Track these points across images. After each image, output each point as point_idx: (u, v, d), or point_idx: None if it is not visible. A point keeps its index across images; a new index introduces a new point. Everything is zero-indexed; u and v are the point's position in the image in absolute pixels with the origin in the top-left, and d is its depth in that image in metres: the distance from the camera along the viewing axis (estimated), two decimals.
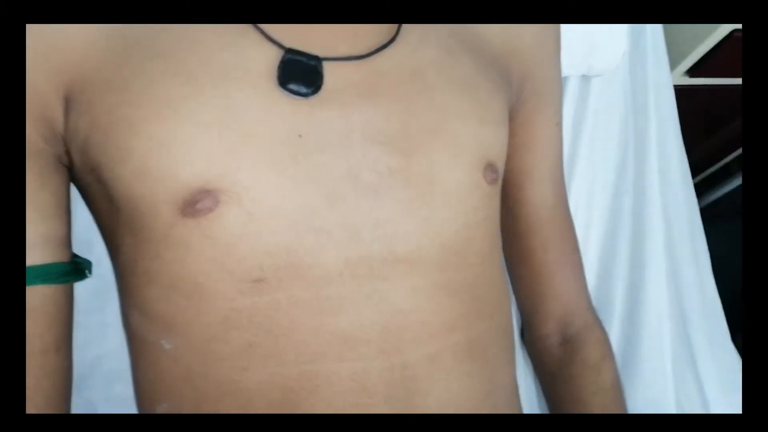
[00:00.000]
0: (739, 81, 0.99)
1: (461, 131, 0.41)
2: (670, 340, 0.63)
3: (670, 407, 0.61)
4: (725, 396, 0.62)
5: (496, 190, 0.45)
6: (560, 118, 0.54)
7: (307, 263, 0.36)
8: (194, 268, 0.36)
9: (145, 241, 0.37)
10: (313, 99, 0.38)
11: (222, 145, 0.35)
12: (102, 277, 0.46)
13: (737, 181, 1.33)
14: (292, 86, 0.37)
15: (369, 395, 0.37)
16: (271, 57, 0.38)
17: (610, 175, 0.67)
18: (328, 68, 0.39)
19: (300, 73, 0.38)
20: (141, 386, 0.41)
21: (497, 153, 0.44)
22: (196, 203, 0.35)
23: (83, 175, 0.39)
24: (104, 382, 0.48)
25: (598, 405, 0.53)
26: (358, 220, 0.37)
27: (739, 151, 1.31)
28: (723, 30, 0.85)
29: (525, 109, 0.50)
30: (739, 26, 0.84)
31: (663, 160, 0.67)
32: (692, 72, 0.92)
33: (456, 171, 0.41)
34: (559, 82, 0.53)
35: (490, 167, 0.43)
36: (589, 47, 0.59)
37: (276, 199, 0.36)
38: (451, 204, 0.40)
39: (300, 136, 0.37)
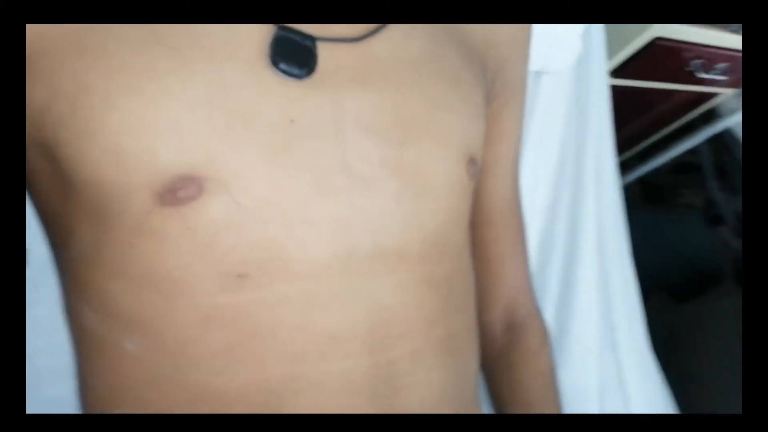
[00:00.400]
0: (653, 84, 1.07)
1: (449, 124, 0.41)
2: (597, 326, 0.67)
3: (592, 389, 0.66)
4: (640, 378, 0.69)
5: (473, 184, 0.45)
6: (523, 114, 0.55)
7: (295, 257, 0.34)
8: (171, 262, 0.32)
9: (111, 230, 0.32)
10: (306, 81, 0.35)
11: (210, 127, 0.32)
12: (30, 266, 0.40)
13: (633, 175, 1.46)
14: (284, 66, 0.34)
15: (354, 395, 0.36)
16: (263, 33, 0.34)
17: (552, 170, 0.70)
18: (321, 49, 0.36)
19: (293, 53, 0.35)
20: (93, 391, 0.36)
21: (478, 147, 0.44)
22: (178, 190, 0.31)
23: (28, 150, 0.33)
24: (32, 383, 0.42)
25: (536, 388, 0.56)
26: (348, 212, 0.36)
27: (637, 148, 1.42)
28: (646, 36, 0.91)
29: (496, 103, 0.51)
30: (661, 34, 0.91)
31: (599, 158, 0.71)
32: (615, 73, 0.98)
33: (443, 164, 0.40)
34: (526, 80, 0.54)
35: (471, 161, 0.43)
36: (549, 45, 0.60)
37: (266, 189, 0.33)
38: (437, 197, 0.40)
39: (292, 121, 0.34)
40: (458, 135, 0.41)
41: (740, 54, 1.08)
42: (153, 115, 0.31)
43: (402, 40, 0.40)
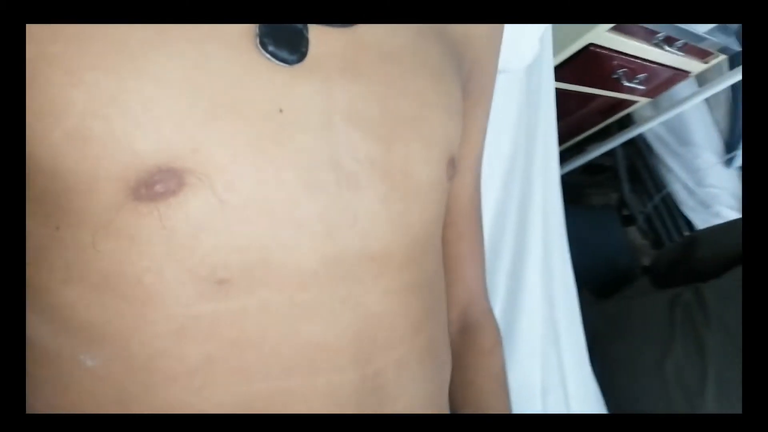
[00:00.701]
0: (583, 89, 1.12)
1: (434, 122, 0.39)
2: (541, 324, 0.69)
3: (536, 387, 0.67)
4: (579, 376, 0.71)
5: (450, 186, 0.44)
6: (489, 112, 0.54)
7: (280, 262, 0.31)
8: (141, 265, 0.28)
9: (69, 227, 0.28)
10: (296, 68, 0.32)
11: (193, 113, 0.28)
12: None
13: None
14: (273, 49, 0.31)
15: (341, 408, 0.33)
16: None
17: (503, 168, 0.70)
18: (312, 33, 0.33)
19: (283, 36, 0.31)
20: (39, 413, 0.31)
21: (456, 147, 0.43)
22: (156, 184, 0.27)
23: None
24: None
25: (490, 388, 0.56)
26: (337, 213, 0.33)
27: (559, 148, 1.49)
28: (582, 41, 0.94)
29: (467, 101, 0.49)
30: (595, 41, 0.95)
31: (546, 157, 0.73)
32: None
33: (427, 165, 0.38)
34: (495, 78, 0.53)
35: (451, 162, 0.41)
36: (510, 44, 0.60)
37: (253, 185, 0.30)
38: (421, 199, 0.38)
39: (281, 110, 0.31)
40: (442, 134, 0.40)
41: (656, 66, 1.15)
42: (127, 95, 0.27)
43: (389, 30, 0.38)
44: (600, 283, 1.11)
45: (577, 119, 1.36)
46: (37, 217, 0.28)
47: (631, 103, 1.27)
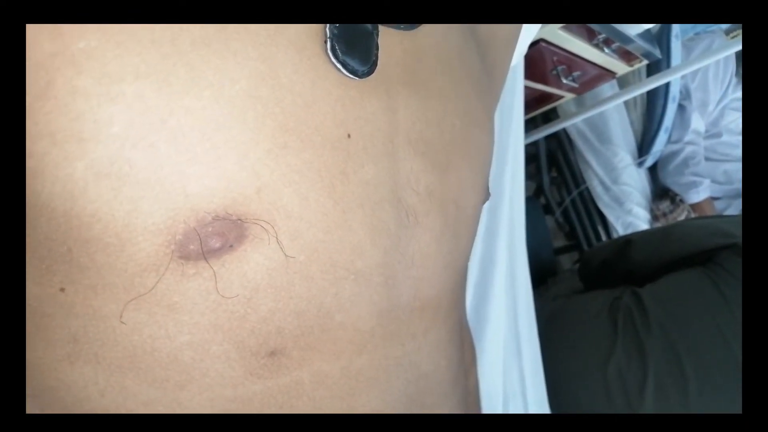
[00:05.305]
0: (530, 84, 1.11)
1: (479, 143, 0.34)
2: (505, 334, 0.67)
3: (498, 398, 0.66)
4: (535, 384, 0.71)
5: None
6: None
7: (338, 324, 0.25)
8: (180, 340, 0.21)
9: (83, 289, 0.20)
10: (362, 82, 0.25)
11: (261, 139, 0.21)
12: None
13: None
14: (348, 59, 0.24)
15: None
16: None
17: None
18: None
19: (354, 39, 0.25)
20: None
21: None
22: (210, 237, 0.20)
23: None
24: None
25: (465, 405, 0.54)
26: (395, 258, 0.28)
27: None
28: (536, 36, 0.93)
29: None
30: (546, 37, 0.94)
31: (516, 160, 0.70)
32: None
33: (474, 193, 0.34)
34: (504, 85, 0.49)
35: (487, 188, 0.37)
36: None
37: (319, 233, 0.24)
38: (466, 234, 0.34)
39: (348, 136, 0.25)
40: (486, 157, 0.35)
41: (590, 65, 1.18)
42: (182, 117, 0.19)
43: (443, 31, 0.32)
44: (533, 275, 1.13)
45: None
46: (35, 272, 0.20)
47: (559, 97, 1.30)
